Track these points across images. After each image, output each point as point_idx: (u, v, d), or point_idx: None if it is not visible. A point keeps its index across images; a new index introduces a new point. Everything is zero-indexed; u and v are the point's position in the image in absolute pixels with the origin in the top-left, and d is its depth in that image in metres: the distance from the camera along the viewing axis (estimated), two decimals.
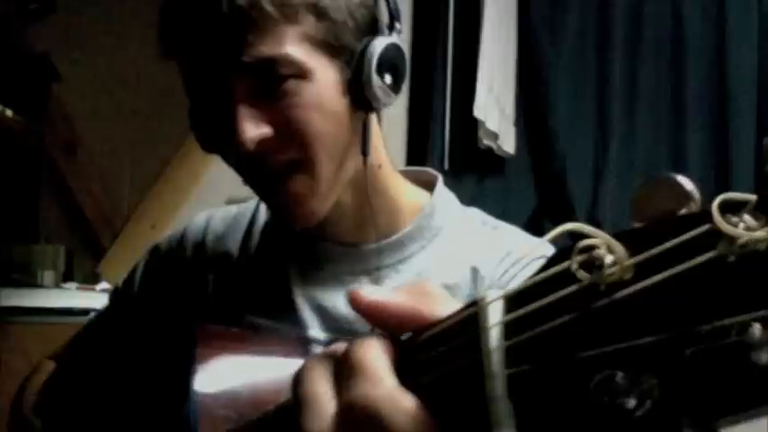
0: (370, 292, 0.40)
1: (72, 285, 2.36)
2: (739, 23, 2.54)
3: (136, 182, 2.67)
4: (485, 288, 0.81)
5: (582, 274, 0.29)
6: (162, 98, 2.68)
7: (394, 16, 0.78)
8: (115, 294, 1.03)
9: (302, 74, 0.73)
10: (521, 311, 0.32)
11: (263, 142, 0.72)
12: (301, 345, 0.80)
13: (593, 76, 2.63)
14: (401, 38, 0.79)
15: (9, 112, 2.40)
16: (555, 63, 2.62)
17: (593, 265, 0.29)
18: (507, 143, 2.56)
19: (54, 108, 2.62)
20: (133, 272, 1.00)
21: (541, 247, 0.85)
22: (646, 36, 2.61)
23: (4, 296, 2.17)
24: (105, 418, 0.87)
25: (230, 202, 0.99)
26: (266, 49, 0.71)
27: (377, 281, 0.84)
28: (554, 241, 0.86)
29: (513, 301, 0.33)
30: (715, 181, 2.55)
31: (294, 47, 0.72)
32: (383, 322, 0.40)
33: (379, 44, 0.76)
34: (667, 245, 0.27)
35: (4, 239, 2.42)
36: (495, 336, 0.32)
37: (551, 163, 2.62)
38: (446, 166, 2.56)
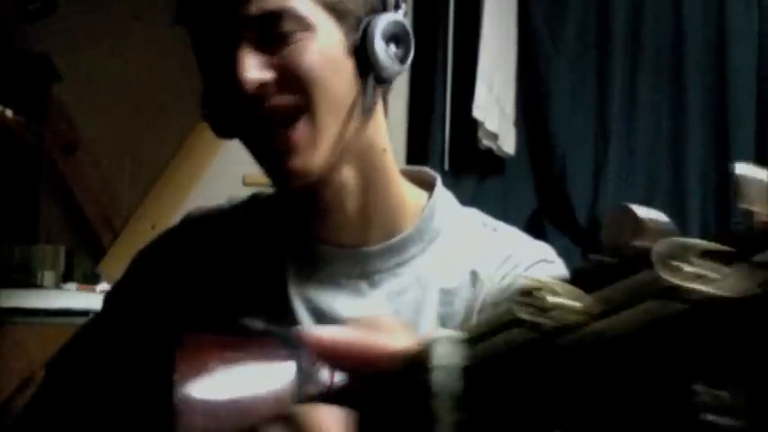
0: (322, 331, 0.42)
1: (72, 286, 2.36)
2: (739, 23, 2.54)
3: (136, 182, 2.67)
4: (483, 291, 0.80)
5: (527, 316, 0.28)
6: (162, 98, 2.69)
7: None
8: (107, 302, 1.00)
9: (306, 27, 0.75)
10: (470, 353, 0.32)
11: (264, 85, 0.74)
12: (285, 352, 0.79)
13: (593, 76, 2.63)
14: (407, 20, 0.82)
15: (9, 112, 2.40)
16: (555, 63, 2.62)
17: (541, 308, 0.28)
18: (507, 144, 2.55)
19: (54, 108, 2.62)
20: (125, 275, 0.97)
21: (541, 251, 0.84)
22: (646, 36, 2.61)
23: (3, 297, 2.17)
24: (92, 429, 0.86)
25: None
26: (272, 1, 0.74)
27: (374, 284, 0.83)
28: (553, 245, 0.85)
29: (465, 343, 0.33)
30: (715, 181, 2.54)
31: (298, 1, 0.75)
32: (337, 361, 0.42)
33: (385, 17, 0.79)
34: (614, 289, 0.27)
35: (4, 239, 2.42)
36: (441, 377, 0.32)
37: (551, 163, 2.61)
38: (446, 167, 2.56)
